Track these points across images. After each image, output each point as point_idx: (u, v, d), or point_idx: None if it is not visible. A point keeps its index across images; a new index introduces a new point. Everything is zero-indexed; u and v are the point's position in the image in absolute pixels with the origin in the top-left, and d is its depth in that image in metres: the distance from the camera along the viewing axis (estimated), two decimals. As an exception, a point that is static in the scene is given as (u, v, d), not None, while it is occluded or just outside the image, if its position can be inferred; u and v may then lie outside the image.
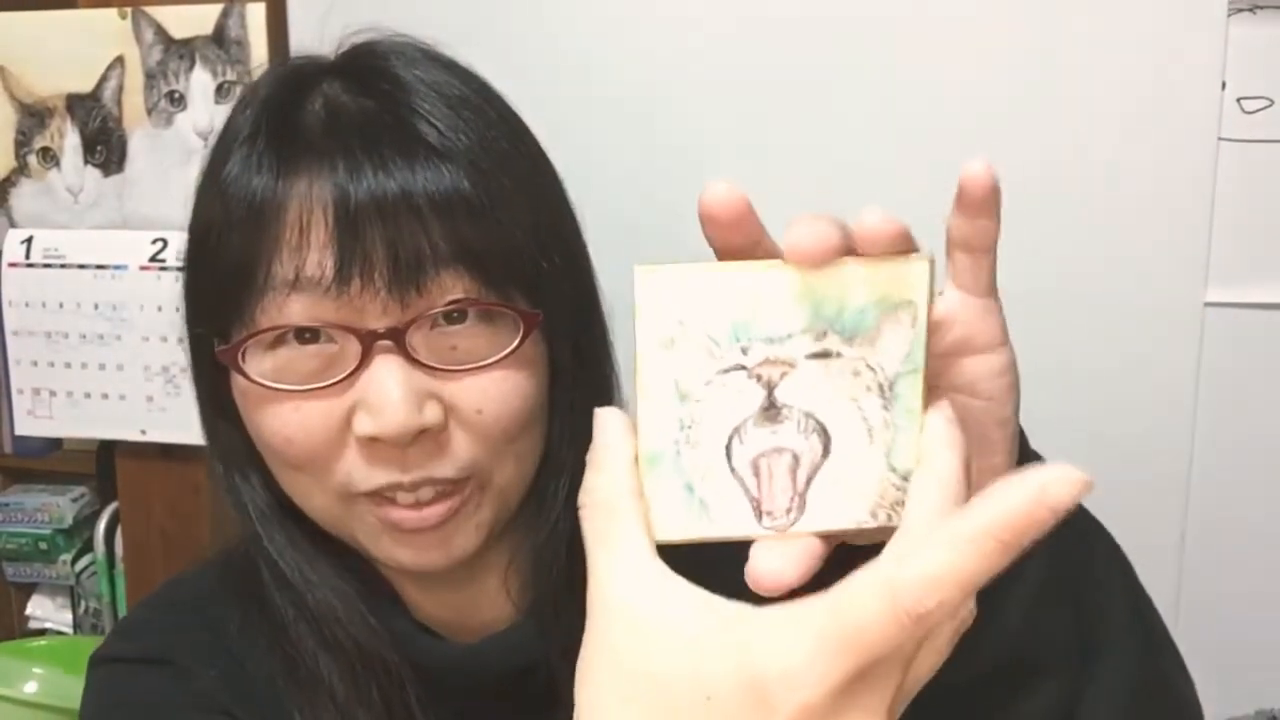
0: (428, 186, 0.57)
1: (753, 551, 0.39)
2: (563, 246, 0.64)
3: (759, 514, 0.40)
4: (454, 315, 0.59)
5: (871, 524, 0.40)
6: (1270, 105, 1.06)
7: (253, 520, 0.65)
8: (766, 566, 0.38)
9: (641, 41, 1.16)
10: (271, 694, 0.65)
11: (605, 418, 0.40)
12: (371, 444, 0.58)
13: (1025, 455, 0.48)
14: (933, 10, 1.10)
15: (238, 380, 0.61)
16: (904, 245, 0.38)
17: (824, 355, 0.39)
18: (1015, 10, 1.09)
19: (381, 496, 0.60)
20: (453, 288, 0.58)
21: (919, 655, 0.35)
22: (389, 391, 0.56)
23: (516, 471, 0.63)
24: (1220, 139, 1.07)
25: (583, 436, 0.61)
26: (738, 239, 0.40)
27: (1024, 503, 0.31)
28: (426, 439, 0.58)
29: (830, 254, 0.37)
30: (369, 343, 0.57)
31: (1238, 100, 1.06)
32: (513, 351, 0.59)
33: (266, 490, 0.65)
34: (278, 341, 0.59)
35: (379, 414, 0.57)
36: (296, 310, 0.57)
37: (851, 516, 0.40)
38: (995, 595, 0.41)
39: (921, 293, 0.39)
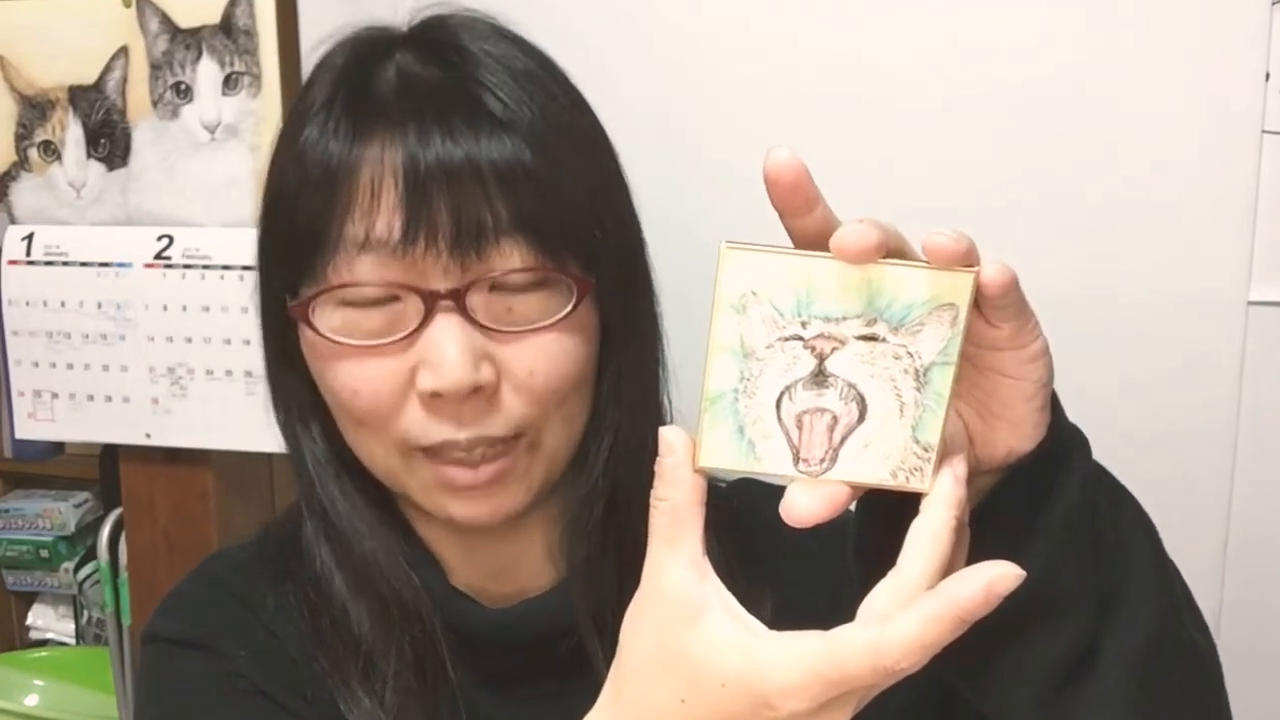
0: (491, 155, 0.61)
1: (789, 490, 0.46)
2: (616, 215, 0.68)
3: (796, 460, 0.47)
4: (511, 280, 0.63)
5: (891, 484, 0.47)
6: (1318, 96, 1.04)
7: (308, 468, 0.70)
8: (799, 502, 0.46)
9: (667, 42, 1.15)
10: (305, 669, 0.69)
11: (671, 437, 0.47)
12: (432, 400, 0.63)
13: (1062, 427, 0.52)
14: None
15: (306, 334, 0.65)
16: (965, 261, 0.44)
17: (871, 339, 0.45)
18: (1054, 1, 1.06)
19: (438, 454, 0.64)
20: (511, 254, 0.62)
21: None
22: (447, 348, 0.61)
23: (565, 433, 0.67)
24: (1264, 132, 1.05)
25: (627, 400, 0.71)
26: (797, 201, 0.45)
27: (977, 593, 0.42)
28: (480, 397, 0.63)
29: (871, 252, 0.43)
30: (431, 302, 0.62)
31: (1284, 91, 1.04)
32: (565, 316, 0.64)
33: (325, 441, 0.70)
34: (346, 300, 0.63)
35: (437, 369, 0.61)
36: (365, 269, 0.62)
37: (875, 475, 0.47)
38: (1021, 540, 0.50)
39: (965, 299, 0.44)
